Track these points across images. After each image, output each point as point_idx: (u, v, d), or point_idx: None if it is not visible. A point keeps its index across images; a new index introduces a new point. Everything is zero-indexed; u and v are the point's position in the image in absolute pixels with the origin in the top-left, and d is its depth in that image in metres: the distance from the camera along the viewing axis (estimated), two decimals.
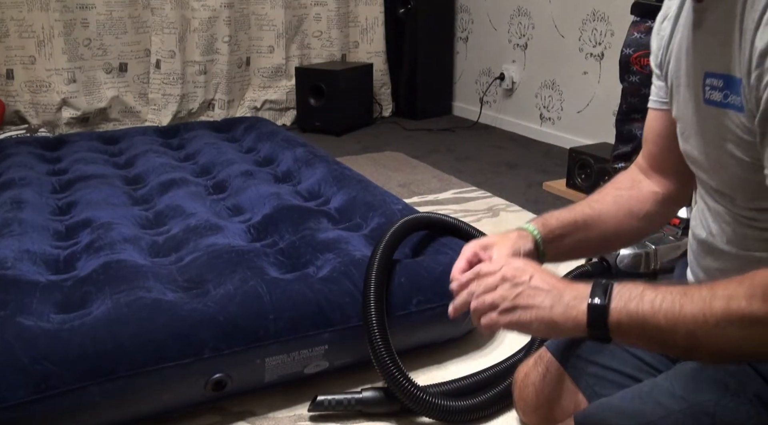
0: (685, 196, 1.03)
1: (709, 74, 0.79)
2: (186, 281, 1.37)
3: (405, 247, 1.53)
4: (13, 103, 3.29)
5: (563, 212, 0.98)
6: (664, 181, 1.02)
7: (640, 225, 1.01)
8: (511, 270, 0.81)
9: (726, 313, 0.67)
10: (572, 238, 0.97)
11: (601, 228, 0.99)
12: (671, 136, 0.96)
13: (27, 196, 1.83)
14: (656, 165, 1.02)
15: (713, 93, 0.78)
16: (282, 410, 1.32)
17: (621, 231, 1.00)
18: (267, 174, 2.09)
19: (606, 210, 0.99)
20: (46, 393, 1.09)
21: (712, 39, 0.78)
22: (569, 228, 0.97)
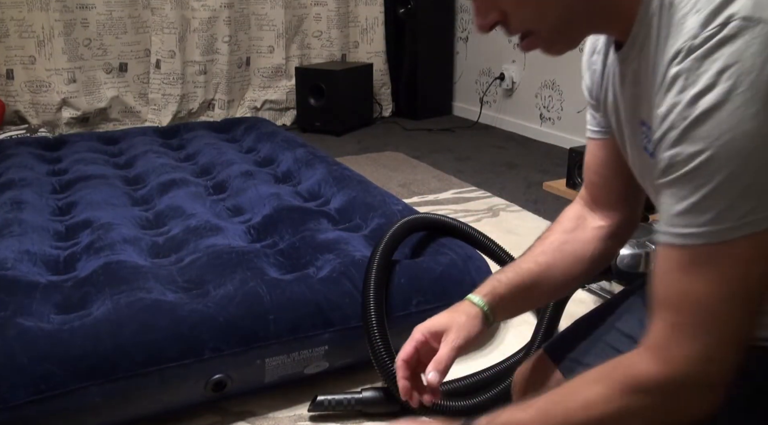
0: (633, 223, 1.00)
1: (641, 122, 0.78)
2: (186, 282, 1.37)
3: (405, 248, 1.53)
4: (13, 103, 3.29)
5: (510, 274, 0.97)
6: (608, 214, 0.99)
7: (587, 268, 0.99)
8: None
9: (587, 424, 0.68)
10: (520, 299, 0.97)
11: (548, 282, 0.98)
12: (612, 165, 0.94)
13: (27, 196, 1.83)
14: (600, 195, 1.00)
15: (647, 142, 0.77)
16: (282, 410, 1.33)
17: (568, 279, 0.99)
18: (267, 174, 2.10)
19: (552, 262, 0.98)
20: (46, 393, 1.10)
21: (635, 89, 0.76)
22: (516, 291, 0.96)
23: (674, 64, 0.63)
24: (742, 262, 0.62)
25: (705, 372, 0.64)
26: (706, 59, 0.60)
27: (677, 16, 0.64)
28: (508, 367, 1.36)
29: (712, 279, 0.63)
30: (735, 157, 0.59)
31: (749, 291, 0.63)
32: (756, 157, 0.59)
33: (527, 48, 0.77)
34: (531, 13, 0.72)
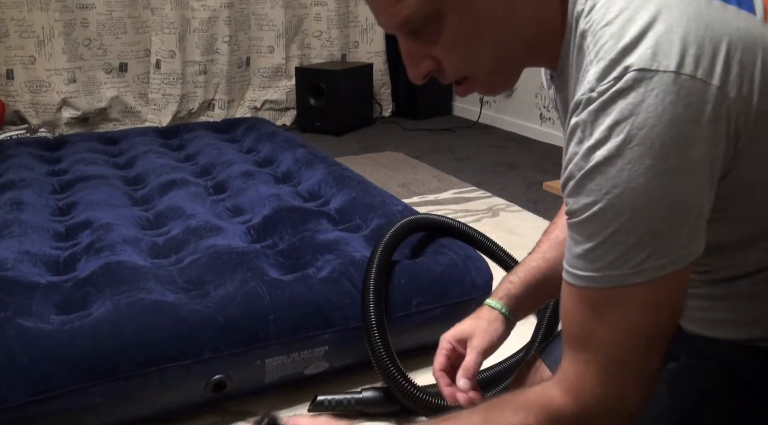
0: None
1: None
2: (186, 282, 1.37)
3: (404, 248, 1.53)
4: (13, 103, 3.30)
5: (521, 274, 0.98)
6: None
7: None
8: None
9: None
10: (535, 296, 0.98)
11: (558, 277, 1.00)
12: None
13: (27, 197, 1.83)
14: None
15: None
16: (282, 410, 1.33)
17: None
18: (267, 175, 2.10)
19: (560, 257, 0.98)
20: (46, 394, 1.10)
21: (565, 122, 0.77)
22: (531, 289, 0.97)
23: (574, 115, 0.63)
24: (645, 307, 0.62)
25: (615, 410, 0.65)
26: (601, 112, 0.59)
27: (584, 63, 0.64)
28: (508, 367, 1.36)
29: (616, 322, 0.63)
30: (625, 210, 0.59)
31: (656, 333, 0.63)
32: (650, 209, 0.59)
33: (464, 93, 0.75)
34: (465, 59, 0.71)
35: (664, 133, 0.57)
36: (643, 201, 0.59)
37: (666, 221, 0.59)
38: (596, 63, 0.61)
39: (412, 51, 0.72)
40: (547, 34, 0.70)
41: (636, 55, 0.58)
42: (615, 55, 0.59)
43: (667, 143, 0.57)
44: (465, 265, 1.48)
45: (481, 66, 0.72)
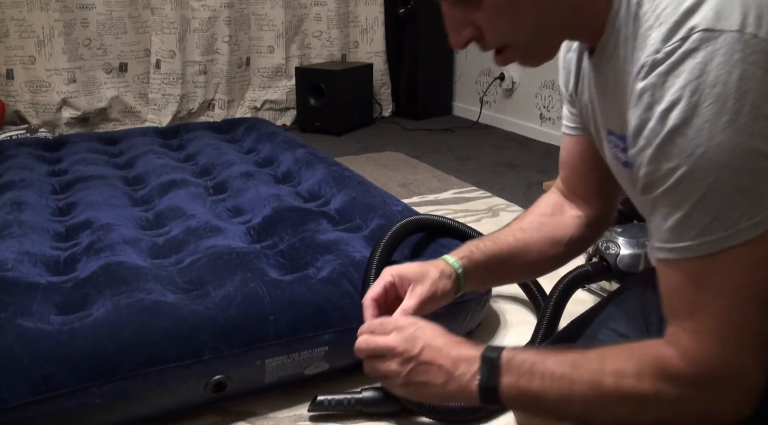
0: (609, 218, 1.01)
1: (609, 132, 0.78)
2: (186, 283, 1.37)
3: (404, 248, 1.53)
4: (13, 103, 3.30)
5: (488, 243, 0.97)
6: (585, 205, 0.99)
7: (563, 252, 0.99)
8: (402, 343, 0.79)
9: (615, 392, 0.67)
10: (494, 269, 0.97)
11: (524, 258, 0.98)
12: (589, 160, 0.94)
13: (27, 197, 1.83)
14: (577, 189, 1.00)
15: (616, 151, 0.77)
16: (282, 410, 1.33)
17: (543, 260, 0.99)
18: (267, 175, 2.10)
19: (530, 239, 0.98)
20: (46, 394, 1.10)
21: (606, 98, 0.76)
22: (492, 260, 0.96)
23: (639, 79, 0.63)
24: (749, 268, 0.61)
25: (736, 380, 0.64)
26: (669, 74, 0.60)
27: (642, 29, 0.64)
28: None
29: (721, 288, 0.62)
30: (711, 169, 0.59)
31: (762, 294, 0.62)
32: (735, 166, 0.59)
33: (503, 62, 0.76)
34: (506, 27, 0.72)
35: (736, 89, 0.58)
36: (726, 158, 0.59)
37: (751, 176, 0.59)
38: (658, 27, 0.61)
39: (455, 17, 0.73)
40: (591, 6, 0.70)
41: (699, 16, 0.59)
42: (678, 18, 0.60)
43: (740, 99, 0.58)
44: None
45: (521, 35, 0.72)
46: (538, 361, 0.71)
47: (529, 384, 0.71)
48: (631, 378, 0.66)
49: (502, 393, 0.73)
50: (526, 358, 0.72)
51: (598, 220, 1.00)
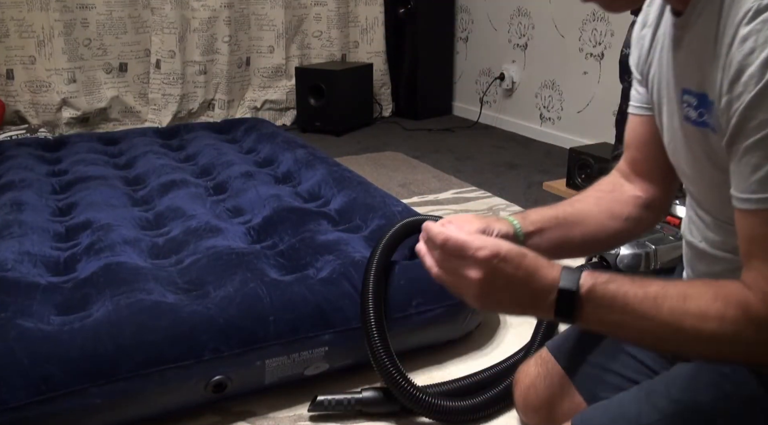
0: (668, 203, 1.02)
1: (686, 91, 0.78)
2: (186, 283, 1.37)
3: (404, 249, 1.53)
4: (13, 103, 3.30)
5: (545, 209, 0.97)
6: (647, 186, 1.00)
7: (622, 228, 0.99)
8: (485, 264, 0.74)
9: (696, 333, 0.68)
10: (552, 234, 0.95)
11: (582, 228, 0.97)
12: (655, 142, 0.95)
13: (27, 197, 1.83)
14: (639, 170, 1.01)
15: (690, 110, 0.77)
16: (282, 410, 1.33)
17: (602, 233, 0.98)
18: (267, 175, 2.10)
19: (588, 210, 0.98)
20: (46, 395, 1.10)
21: (689, 56, 0.76)
22: (550, 223, 0.95)
23: (743, 25, 0.62)
24: None
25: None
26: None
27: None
28: (508, 367, 1.36)
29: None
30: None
31: None
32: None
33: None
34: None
35: None
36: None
37: None
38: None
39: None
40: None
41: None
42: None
43: None
44: None
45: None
46: (619, 296, 0.71)
47: (607, 317, 0.72)
48: (714, 322, 0.67)
49: (578, 321, 0.73)
50: (606, 292, 0.72)
51: (657, 203, 1.00)
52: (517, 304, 0.76)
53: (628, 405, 0.85)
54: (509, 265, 0.74)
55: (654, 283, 0.72)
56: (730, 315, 0.67)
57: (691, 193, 0.89)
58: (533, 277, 0.74)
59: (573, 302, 0.72)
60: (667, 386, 0.85)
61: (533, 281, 0.74)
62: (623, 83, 2.25)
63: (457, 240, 0.77)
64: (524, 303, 0.75)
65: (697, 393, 0.82)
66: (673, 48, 0.80)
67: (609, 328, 0.74)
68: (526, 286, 0.74)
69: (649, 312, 0.70)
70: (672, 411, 0.81)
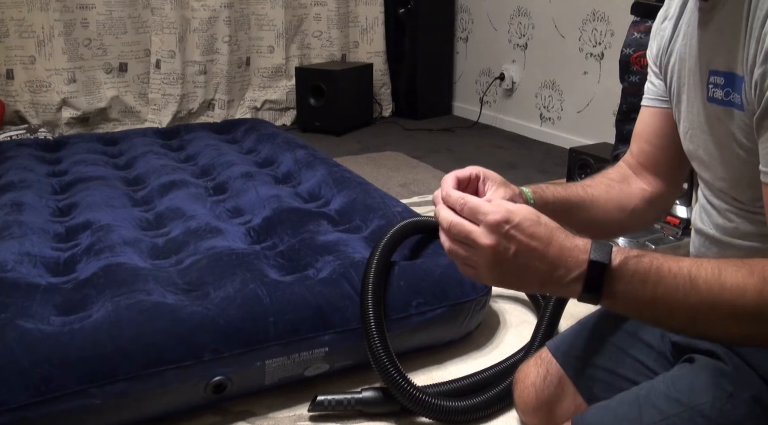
0: (671, 201, 1.02)
1: (712, 72, 0.79)
2: (186, 284, 1.37)
3: (404, 249, 1.53)
4: (13, 103, 3.30)
5: (558, 188, 0.95)
6: (653, 180, 1.01)
7: (626, 220, 0.99)
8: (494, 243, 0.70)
9: (733, 309, 0.66)
10: (560, 215, 0.91)
11: (590, 213, 0.97)
12: (666, 135, 0.96)
13: (27, 198, 1.83)
14: (647, 163, 1.01)
15: (716, 91, 0.78)
16: (282, 410, 1.33)
17: (607, 221, 0.99)
18: (267, 176, 2.10)
19: (598, 196, 0.98)
20: (46, 396, 1.10)
21: (717, 37, 0.77)
22: (560, 205, 0.93)
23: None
24: None
25: None
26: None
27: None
28: (508, 367, 1.36)
29: None
30: None
31: None
32: None
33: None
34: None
35: None
36: None
37: None
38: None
39: None
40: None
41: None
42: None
43: None
44: None
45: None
46: (653, 270, 0.68)
47: (639, 293, 0.68)
48: (752, 296, 0.65)
49: (606, 299, 0.69)
50: (639, 266, 0.68)
51: (662, 198, 1.01)
52: (534, 278, 0.71)
53: (628, 406, 0.85)
54: (523, 233, 0.69)
55: (686, 259, 0.69)
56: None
57: (705, 180, 0.89)
58: (551, 248, 0.70)
59: (603, 277, 0.68)
60: (668, 386, 0.85)
61: (552, 252, 0.70)
62: (623, 83, 2.25)
63: (473, 203, 0.72)
64: (543, 276, 0.70)
65: (698, 393, 0.82)
66: (699, 31, 0.81)
67: (638, 306, 0.69)
68: (545, 257, 0.70)
69: (684, 287, 0.67)
70: (673, 412, 0.81)
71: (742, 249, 0.82)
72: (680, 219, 1.85)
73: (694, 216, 0.94)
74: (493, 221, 0.70)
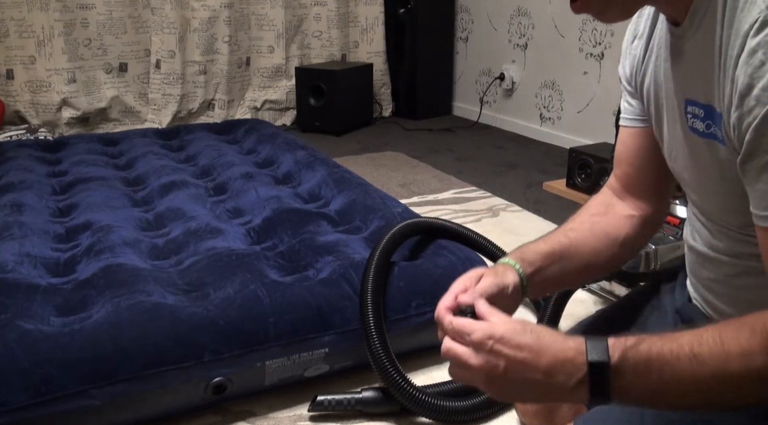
0: (662, 217, 0.99)
1: (690, 102, 0.75)
2: (186, 284, 1.37)
3: (403, 250, 1.53)
4: (13, 103, 3.30)
5: (539, 244, 0.93)
6: (639, 203, 0.97)
7: (619, 253, 0.96)
8: (483, 364, 0.70)
9: (744, 375, 0.63)
10: (551, 271, 0.92)
11: (579, 257, 0.94)
12: (648, 155, 0.92)
13: (27, 198, 1.83)
14: (632, 186, 0.97)
15: (695, 121, 0.75)
16: (282, 410, 1.33)
17: (599, 259, 0.96)
18: (267, 176, 2.10)
19: (582, 238, 0.95)
20: (46, 396, 1.10)
21: (691, 66, 0.74)
22: (547, 260, 0.91)
23: (751, 37, 0.60)
24: None
25: None
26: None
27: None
28: None
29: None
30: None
31: None
32: None
33: (578, 10, 0.74)
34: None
35: None
36: None
37: None
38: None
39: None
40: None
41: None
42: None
43: None
44: (464, 267, 1.48)
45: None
46: (653, 356, 0.65)
47: (646, 384, 0.65)
48: (759, 356, 0.63)
49: (614, 396, 0.67)
50: (639, 356, 0.66)
51: (651, 219, 0.98)
52: (534, 389, 0.69)
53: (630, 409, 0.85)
54: (508, 345, 0.68)
55: (684, 334, 0.67)
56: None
57: (693, 200, 0.87)
58: (543, 356, 0.68)
59: (608, 376, 0.65)
60: None
61: (544, 361, 0.68)
62: None
63: (458, 325, 0.73)
64: (543, 386, 0.68)
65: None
66: (672, 58, 0.78)
67: (648, 396, 0.66)
68: (538, 367, 0.68)
69: (690, 365, 0.64)
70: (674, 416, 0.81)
71: (737, 266, 0.80)
72: (680, 219, 1.85)
73: (685, 233, 0.91)
74: (477, 340, 0.70)
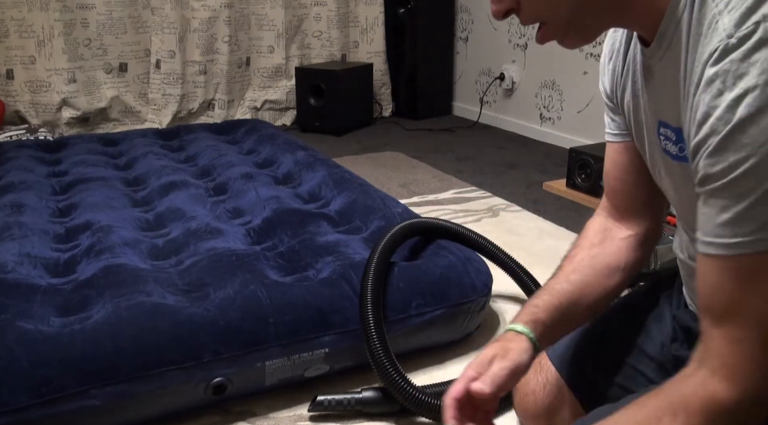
0: (659, 229, 0.98)
1: (662, 123, 0.75)
2: (186, 285, 1.38)
3: (403, 250, 1.53)
4: (13, 103, 3.30)
5: (545, 297, 0.92)
6: (636, 222, 0.96)
7: (623, 279, 0.96)
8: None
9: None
10: (561, 322, 0.92)
11: (586, 299, 0.94)
12: (637, 169, 0.91)
13: (27, 199, 1.83)
14: (624, 204, 0.97)
15: (668, 144, 0.74)
16: (282, 410, 1.33)
17: (606, 293, 0.95)
18: (267, 176, 2.10)
19: (586, 279, 0.94)
20: (46, 397, 1.10)
21: (661, 88, 0.73)
22: (557, 314, 0.91)
23: (710, 65, 0.60)
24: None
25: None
26: (744, 60, 0.57)
27: (709, 15, 0.62)
28: None
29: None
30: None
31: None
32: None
33: (541, 40, 0.75)
34: (543, 3, 0.71)
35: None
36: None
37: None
38: (729, 12, 0.60)
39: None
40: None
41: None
42: (750, 5, 0.58)
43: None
44: (464, 267, 1.48)
45: (557, 13, 0.71)
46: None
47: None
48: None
49: None
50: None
51: (648, 236, 0.97)
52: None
53: None
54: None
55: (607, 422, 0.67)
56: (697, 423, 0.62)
57: (679, 214, 0.86)
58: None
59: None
60: None
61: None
62: None
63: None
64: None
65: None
66: (644, 77, 0.78)
67: None
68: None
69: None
70: None
71: None
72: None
73: (675, 246, 0.91)
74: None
